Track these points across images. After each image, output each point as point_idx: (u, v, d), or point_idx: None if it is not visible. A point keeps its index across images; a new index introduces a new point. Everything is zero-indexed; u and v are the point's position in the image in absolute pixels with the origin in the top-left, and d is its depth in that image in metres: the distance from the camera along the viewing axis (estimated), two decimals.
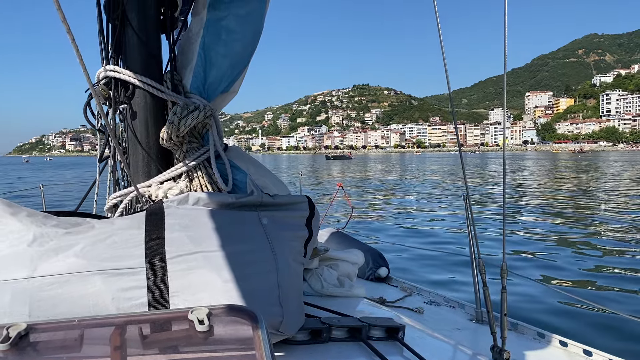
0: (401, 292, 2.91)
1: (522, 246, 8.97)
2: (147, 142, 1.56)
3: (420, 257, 8.32)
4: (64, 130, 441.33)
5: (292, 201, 1.37)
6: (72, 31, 1.08)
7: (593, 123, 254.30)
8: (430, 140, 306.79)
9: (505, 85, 1.61)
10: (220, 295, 1.07)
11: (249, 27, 1.63)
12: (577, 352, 2.01)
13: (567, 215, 12.97)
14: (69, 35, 1.05)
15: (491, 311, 1.70)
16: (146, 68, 1.54)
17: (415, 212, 14.53)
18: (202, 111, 1.54)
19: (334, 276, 1.85)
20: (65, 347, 0.77)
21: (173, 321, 0.82)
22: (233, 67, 1.64)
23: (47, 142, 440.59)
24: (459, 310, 2.63)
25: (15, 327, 0.75)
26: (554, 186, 22.65)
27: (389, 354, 1.18)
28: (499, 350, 1.58)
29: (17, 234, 1.07)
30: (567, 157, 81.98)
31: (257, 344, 0.74)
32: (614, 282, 6.57)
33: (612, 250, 8.49)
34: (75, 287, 1.02)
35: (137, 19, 1.53)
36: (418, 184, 25.76)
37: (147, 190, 1.52)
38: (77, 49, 1.13)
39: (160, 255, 1.09)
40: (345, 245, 2.94)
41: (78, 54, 1.13)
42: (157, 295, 1.06)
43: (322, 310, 1.52)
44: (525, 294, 5.89)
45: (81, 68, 1.18)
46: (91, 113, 1.61)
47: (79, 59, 1.13)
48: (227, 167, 1.58)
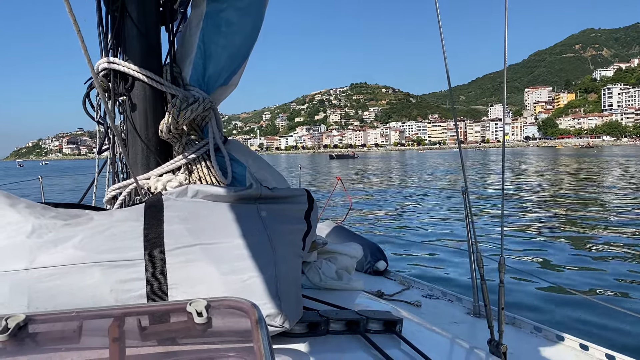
0: (399, 285, 2.92)
1: (520, 240, 8.99)
2: (146, 134, 1.56)
3: (419, 251, 8.34)
4: (60, 134, 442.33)
5: (291, 194, 1.37)
6: (75, 22, 1.08)
7: (595, 118, 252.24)
8: (430, 137, 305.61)
9: (505, 82, 1.61)
10: (219, 288, 1.07)
11: (249, 19, 1.62)
12: (573, 346, 2.03)
13: (567, 210, 13.00)
14: (75, 26, 1.05)
15: (488, 305, 1.71)
16: (145, 60, 1.53)
17: (414, 206, 14.54)
18: (201, 104, 1.54)
19: (332, 269, 1.86)
20: (63, 338, 0.77)
21: (171, 313, 0.83)
22: (232, 60, 1.64)
23: (43, 145, 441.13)
24: (457, 304, 2.64)
25: (14, 318, 0.75)
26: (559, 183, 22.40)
27: (387, 347, 1.19)
28: (496, 344, 1.59)
29: (16, 225, 1.07)
30: (574, 153, 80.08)
31: (255, 336, 0.74)
32: (612, 277, 6.60)
33: (611, 245, 8.51)
34: (73, 279, 1.02)
35: (136, 10, 1.52)
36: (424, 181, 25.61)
37: (146, 183, 1.52)
38: (82, 40, 1.13)
39: (159, 247, 1.09)
40: (343, 239, 2.95)
41: (83, 45, 1.13)
42: (155, 287, 1.06)
43: (320, 303, 1.53)
44: (523, 288, 5.91)
45: (85, 59, 1.18)
46: (90, 105, 1.61)
47: (83, 50, 1.13)
48: (227, 160, 1.58)
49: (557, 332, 2.11)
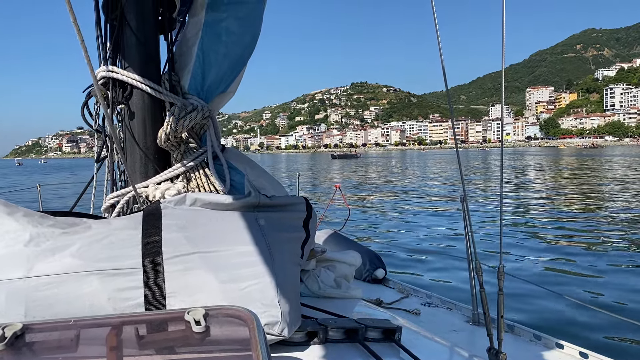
0: (398, 293, 2.91)
1: (520, 248, 8.98)
2: (144, 142, 1.56)
3: (418, 259, 8.33)
4: (60, 132, 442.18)
5: (289, 202, 1.37)
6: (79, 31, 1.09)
7: (597, 118, 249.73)
8: (432, 137, 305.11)
9: (504, 82, 1.61)
10: (217, 296, 1.07)
11: (248, 28, 1.63)
12: (573, 354, 2.02)
13: (569, 215, 12.99)
14: (79, 35, 1.06)
15: (488, 313, 1.71)
16: (144, 69, 1.54)
17: (413, 214, 14.54)
18: (200, 112, 1.54)
19: (331, 277, 1.85)
20: (61, 347, 0.77)
21: (169, 322, 0.82)
22: (232, 68, 1.64)
23: (43, 144, 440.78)
24: (456, 312, 2.63)
25: (11, 327, 0.75)
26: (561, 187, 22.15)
27: (385, 356, 1.18)
28: (495, 352, 1.59)
29: (14, 233, 1.07)
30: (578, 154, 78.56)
31: (254, 345, 0.74)
32: (614, 285, 6.59)
33: (612, 253, 8.50)
34: (71, 287, 1.02)
35: (135, 19, 1.53)
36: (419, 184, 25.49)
37: (144, 191, 1.51)
38: (85, 50, 1.14)
39: (157, 255, 1.09)
40: (342, 247, 2.94)
41: (86, 55, 1.14)
42: (153, 295, 1.05)
43: (318, 312, 1.52)
44: (522, 295, 5.90)
45: (88, 68, 1.19)
46: (89, 113, 1.61)
47: (86, 59, 1.14)
48: (225, 168, 1.58)
49: (557, 340, 2.10)
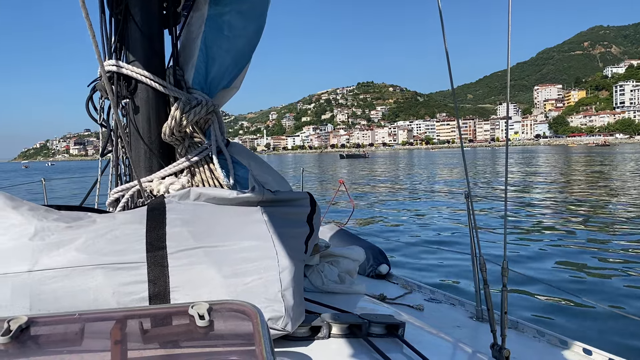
0: (402, 289, 2.91)
1: (524, 244, 8.96)
2: (149, 137, 1.57)
3: (421, 255, 8.32)
4: (68, 135, 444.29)
5: (294, 197, 1.37)
6: (91, 26, 1.09)
7: (607, 115, 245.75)
8: (439, 136, 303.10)
9: (509, 81, 1.60)
10: (221, 291, 1.07)
11: (251, 22, 1.63)
12: (576, 351, 2.01)
13: (574, 213, 12.94)
14: (90, 31, 1.07)
15: (491, 309, 1.70)
16: (149, 63, 1.54)
17: (417, 209, 14.52)
18: (204, 107, 1.54)
19: (334, 273, 1.85)
20: (65, 340, 0.77)
21: (173, 316, 0.83)
22: (235, 63, 1.64)
23: (51, 146, 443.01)
24: (459, 308, 2.63)
25: (16, 320, 0.75)
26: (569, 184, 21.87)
27: (389, 351, 1.18)
28: (498, 349, 1.59)
29: (19, 227, 1.07)
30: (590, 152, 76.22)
31: (257, 340, 0.74)
32: (616, 281, 6.57)
33: (617, 250, 8.47)
34: (76, 281, 1.03)
35: (140, 14, 1.53)
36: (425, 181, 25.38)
37: (148, 185, 1.52)
38: (96, 45, 1.15)
39: (161, 250, 1.09)
40: (346, 242, 2.94)
41: (97, 50, 1.15)
42: (157, 290, 1.06)
43: (322, 307, 1.52)
44: (526, 292, 5.89)
45: (98, 64, 1.19)
46: (93, 108, 1.61)
47: (97, 54, 1.15)
48: (229, 163, 1.58)
49: (561, 337, 2.10)
